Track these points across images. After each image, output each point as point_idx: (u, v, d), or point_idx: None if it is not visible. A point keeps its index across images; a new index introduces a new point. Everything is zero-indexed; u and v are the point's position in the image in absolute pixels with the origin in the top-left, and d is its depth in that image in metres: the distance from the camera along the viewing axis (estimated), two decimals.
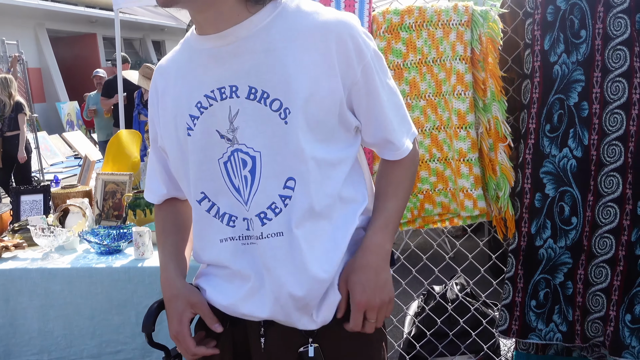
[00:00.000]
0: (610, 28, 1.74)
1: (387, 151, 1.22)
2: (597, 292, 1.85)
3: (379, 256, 1.16)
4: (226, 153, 1.11)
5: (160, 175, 1.30)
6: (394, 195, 1.21)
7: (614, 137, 1.77)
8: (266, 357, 1.20)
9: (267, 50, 1.07)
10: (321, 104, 1.08)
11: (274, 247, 1.11)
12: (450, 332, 2.19)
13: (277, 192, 1.09)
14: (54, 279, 2.37)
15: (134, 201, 2.81)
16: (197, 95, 1.12)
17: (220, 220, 1.15)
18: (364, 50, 1.10)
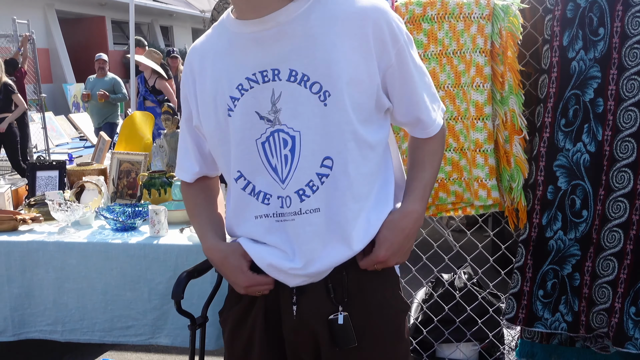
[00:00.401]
0: (628, 27, 1.78)
1: (419, 130, 1.29)
2: (604, 284, 1.91)
3: (416, 224, 1.24)
4: (264, 134, 1.16)
5: (193, 154, 1.34)
6: (430, 166, 1.28)
7: (627, 133, 1.82)
8: (297, 324, 1.25)
9: (307, 35, 1.13)
10: (359, 87, 1.14)
11: (311, 222, 1.16)
12: (457, 319, 2.25)
13: (314, 171, 1.15)
14: (71, 253, 2.42)
15: (149, 180, 2.87)
16: (237, 77, 1.17)
17: (256, 198, 1.20)
18: (398, 35, 1.16)
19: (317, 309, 1.23)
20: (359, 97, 1.15)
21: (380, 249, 1.21)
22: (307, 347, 1.27)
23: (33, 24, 9.70)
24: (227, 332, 1.37)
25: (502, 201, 1.97)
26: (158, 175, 2.88)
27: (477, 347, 2.31)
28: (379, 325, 1.25)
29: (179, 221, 2.56)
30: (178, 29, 20.36)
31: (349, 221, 1.18)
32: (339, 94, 1.12)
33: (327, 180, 1.16)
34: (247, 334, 1.31)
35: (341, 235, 1.18)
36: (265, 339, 1.29)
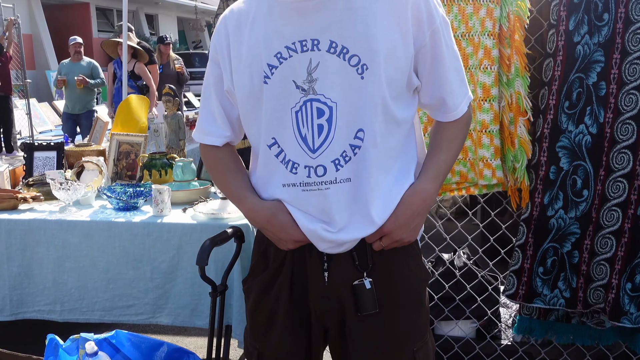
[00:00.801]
0: (631, 13, 1.85)
1: (442, 113, 1.30)
2: (602, 261, 1.98)
3: (425, 202, 1.26)
4: (299, 103, 1.19)
5: (221, 119, 1.35)
6: (447, 149, 1.30)
7: (628, 116, 1.89)
8: (326, 291, 1.28)
9: (349, 8, 1.15)
10: (396, 63, 1.17)
11: (344, 191, 1.20)
12: (457, 297, 2.30)
13: (348, 142, 1.18)
14: (73, 231, 2.43)
15: (149, 162, 2.88)
16: (276, 45, 1.19)
17: (285, 166, 1.23)
18: (434, 16, 1.19)
19: (344, 275, 1.27)
20: (394, 72, 1.18)
21: (386, 223, 1.25)
22: (333, 315, 1.30)
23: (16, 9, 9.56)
24: (250, 300, 1.39)
25: (506, 181, 2.03)
26: (159, 156, 2.89)
27: (476, 324, 2.37)
28: (401, 293, 1.30)
29: (181, 201, 2.57)
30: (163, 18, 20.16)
31: (373, 192, 1.21)
32: (376, 68, 1.16)
33: (359, 151, 1.19)
34: (271, 303, 1.33)
35: (364, 207, 1.22)
36: (290, 308, 1.32)
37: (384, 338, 1.29)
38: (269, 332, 1.35)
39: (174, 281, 2.36)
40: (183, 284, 2.32)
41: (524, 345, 2.31)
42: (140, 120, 3.64)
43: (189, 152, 3.61)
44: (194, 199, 2.58)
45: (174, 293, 2.37)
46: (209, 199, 2.57)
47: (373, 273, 1.27)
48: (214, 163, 1.41)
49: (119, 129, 3.43)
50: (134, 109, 3.69)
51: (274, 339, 1.34)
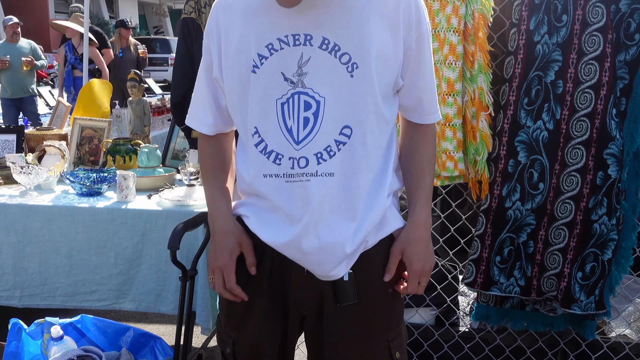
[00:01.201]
0: (588, 15, 1.94)
1: (417, 115, 1.34)
2: (555, 251, 2.08)
3: (427, 230, 1.33)
4: (286, 95, 1.21)
5: (209, 106, 1.36)
6: (429, 172, 1.36)
7: (582, 113, 1.98)
8: (306, 279, 1.31)
9: (343, 7, 1.18)
10: (385, 63, 1.21)
11: (325, 185, 1.22)
12: None
13: (333, 137, 1.21)
14: (34, 216, 2.39)
15: (113, 147, 2.85)
16: (268, 36, 1.20)
17: (267, 157, 1.24)
18: (422, 21, 1.24)
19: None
20: (383, 72, 1.21)
21: (413, 265, 1.31)
22: (312, 304, 1.33)
23: None
24: None
25: (467, 173, 2.11)
26: (123, 142, 2.86)
27: (435, 312, 2.45)
28: (379, 285, 1.33)
29: (145, 188, 2.56)
30: (123, 1, 19.70)
31: (359, 188, 1.24)
32: (366, 67, 1.19)
33: (343, 147, 1.22)
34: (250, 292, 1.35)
35: (347, 203, 1.24)
36: (268, 297, 1.34)
37: (360, 328, 1.32)
38: (246, 320, 1.37)
39: (138, 267, 2.35)
40: (147, 270, 2.33)
41: (481, 331, 2.41)
42: (102, 105, 3.58)
43: (154, 139, 3.58)
44: (159, 186, 2.57)
45: (138, 279, 2.36)
46: (174, 185, 2.57)
47: (353, 265, 1.30)
48: (203, 156, 1.43)
49: (81, 113, 3.38)
50: (96, 93, 3.64)
51: (250, 328, 1.36)
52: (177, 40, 2.57)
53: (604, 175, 1.98)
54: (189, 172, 2.43)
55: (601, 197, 1.99)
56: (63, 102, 3.46)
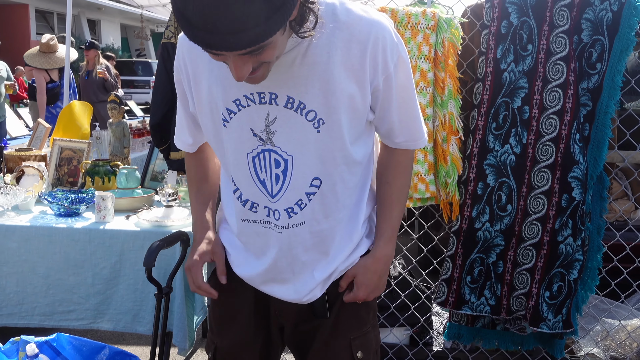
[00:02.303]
0: (552, 45, 2.04)
1: (389, 141, 1.37)
2: (523, 271, 2.14)
3: (385, 264, 1.37)
4: (256, 149, 1.23)
5: (187, 128, 1.42)
6: (397, 204, 1.38)
7: (547, 138, 2.07)
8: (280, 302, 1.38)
9: (306, 64, 1.15)
10: (354, 113, 1.21)
11: (297, 234, 1.28)
12: (392, 305, 2.42)
13: (304, 190, 1.25)
14: (12, 236, 2.40)
15: (92, 168, 2.87)
16: (235, 92, 1.20)
17: (243, 205, 1.30)
18: (389, 62, 1.19)
19: None
20: (352, 121, 1.21)
21: (359, 292, 1.35)
22: (289, 316, 1.40)
23: None
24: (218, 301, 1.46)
25: (438, 195, 2.17)
26: (102, 163, 2.89)
27: (409, 332, 2.49)
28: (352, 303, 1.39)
29: (124, 209, 2.58)
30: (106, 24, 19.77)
31: (333, 228, 1.29)
32: (332, 123, 1.19)
33: (314, 197, 1.25)
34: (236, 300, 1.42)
35: (322, 242, 1.30)
36: (254, 305, 1.41)
37: (324, 328, 1.38)
38: (230, 328, 1.43)
39: (116, 287, 2.37)
40: (125, 290, 2.34)
41: (454, 351, 2.45)
42: (82, 127, 3.61)
43: (134, 160, 3.60)
44: (138, 207, 2.60)
45: (116, 299, 2.37)
46: (152, 206, 2.59)
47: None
48: (188, 169, 1.50)
49: (61, 134, 3.39)
50: (76, 115, 3.66)
51: (232, 335, 1.42)
52: (157, 64, 2.62)
53: (568, 198, 2.06)
54: (167, 193, 2.46)
55: (566, 218, 2.06)
56: (43, 123, 3.48)
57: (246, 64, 1.02)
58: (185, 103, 1.37)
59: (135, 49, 21.31)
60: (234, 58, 1.01)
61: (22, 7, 15.61)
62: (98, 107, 6.51)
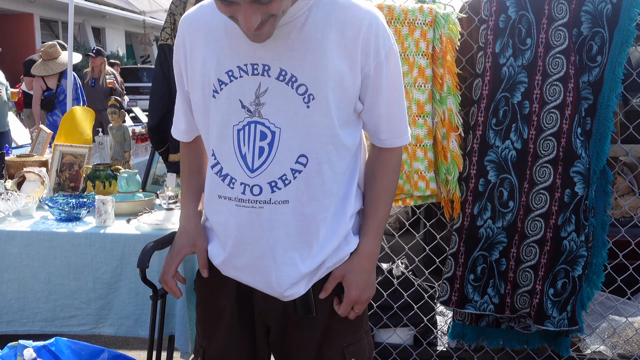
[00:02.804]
0: (551, 38, 2.01)
1: (375, 139, 1.37)
2: (527, 268, 2.11)
3: (372, 262, 1.35)
4: (242, 122, 1.23)
5: (183, 114, 1.42)
6: (384, 202, 1.37)
7: (549, 133, 2.04)
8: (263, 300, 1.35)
9: (301, 38, 1.19)
10: (344, 93, 1.23)
11: (279, 212, 1.24)
12: (395, 305, 2.40)
13: (289, 166, 1.23)
14: (12, 242, 2.39)
15: (93, 173, 2.87)
16: (229, 63, 1.23)
17: (222, 179, 1.28)
18: (380, 49, 1.23)
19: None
20: (341, 102, 1.23)
21: (350, 292, 1.32)
22: (274, 315, 1.36)
23: None
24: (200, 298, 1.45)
25: (439, 192, 2.15)
26: (103, 167, 2.88)
27: (413, 332, 2.47)
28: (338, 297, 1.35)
29: (125, 213, 2.58)
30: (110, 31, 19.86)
31: (317, 214, 1.27)
32: (322, 99, 1.20)
33: (299, 175, 1.23)
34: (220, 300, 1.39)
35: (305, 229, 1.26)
36: (237, 306, 1.37)
37: (316, 334, 1.35)
38: (216, 330, 1.40)
39: (117, 291, 2.36)
40: (126, 294, 2.33)
41: (458, 350, 2.43)
42: (84, 132, 3.61)
43: (137, 165, 3.60)
44: (139, 211, 2.59)
45: (117, 303, 2.36)
46: (153, 210, 2.59)
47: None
48: (182, 158, 1.50)
49: (63, 140, 3.40)
50: (78, 120, 3.67)
51: (219, 338, 1.39)
52: (155, 66, 2.61)
53: (571, 193, 2.03)
54: (168, 196, 2.45)
55: (569, 214, 2.03)
56: (44, 129, 3.49)
57: (255, 13, 1.08)
58: (181, 83, 1.38)
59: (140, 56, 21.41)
60: (244, 7, 1.07)
61: (27, 16, 15.69)
62: (104, 115, 6.53)
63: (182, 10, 2.45)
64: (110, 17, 18.45)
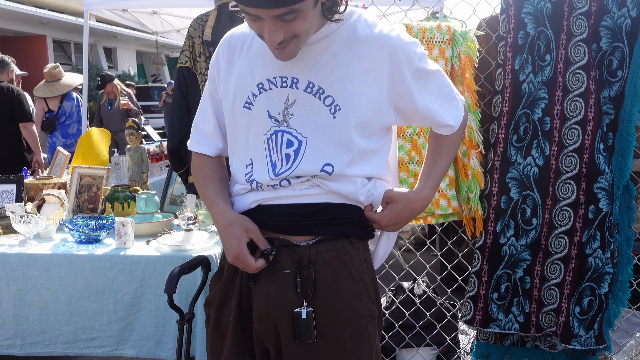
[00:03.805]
0: (571, 54, 2.00)
1: (441, 129, 1.41)
2: (552, 286, 2.09)
3: (422, 207, 1.40)
4: (269, 131, 1.28)
5: (215, 131, 1.44)
6: (447, 155, 1.43)
7: (570, 149, 2.03)
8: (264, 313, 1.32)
9: (329, 53, 1.26)
10: (369, 105, 1.27)
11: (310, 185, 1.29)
12: (417, 324, 2.37)
13: (314, 173, 1.27)
14: (33, 265, 2.40)
15: (112, 194, 2.88)
16: (260, 76, 1.29)
17: (250, 184, 1.33)
18: (413, 58, 1.28)
19: (284, 301, 1.30)
20: (366, 114, 1.27)
21: (386, 217, 1.35)
22: (270, 338, 1.33)
23: None
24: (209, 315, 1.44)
25: (461, 210, 2.13)
26: (122, 189, 2.89)
27: (436, 351, 2.44)
28: (339, 326, 1.32)
29: (144, 234, 2.58)
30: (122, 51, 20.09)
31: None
32: (348, 109, 1.25)
33: (326, 180, 1.28)
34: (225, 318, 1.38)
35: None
36: (238, 323, 1.36)
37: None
38: (221, 352, 1.39)
39: (138, 313, 2.36)
40: (147, 315, 2.33)
41: None
42: (101, 154, 3.64)
43: (152, 185, 3.62)
44: (157, 231, 2.59)
45: (138, 325, 2.36)
46: (172, 231, 2.59)
47: (314, 303, 1.30)
48: (199, 169, 1.47)
49: (80, 161, 3.42)
50: (95, 142, 3.70)
51: (223, 356, 1.38)
52: (174, 89, 2.63)
53: (595, 209, 2.01)
54: (187, 217, 2.45)
55: (594, 230, 2.01)
56: (62, 151, 3.51)
57: (278, 30, 1.15)
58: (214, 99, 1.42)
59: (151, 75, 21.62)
60: (268, 22, 1.14)
61: (40, 38, 15.93)
62: (120, 135, 6.56)
63: (200, 33, 2.47)
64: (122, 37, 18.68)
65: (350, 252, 1.33)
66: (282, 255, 1.31)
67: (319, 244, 1.32)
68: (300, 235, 1.32)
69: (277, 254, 1.31)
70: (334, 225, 1.32)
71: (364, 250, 1.39)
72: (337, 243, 1.33)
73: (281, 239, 1.32)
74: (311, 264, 1.30)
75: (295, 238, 1.32)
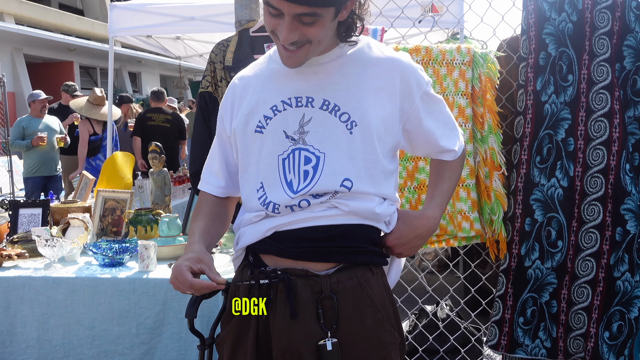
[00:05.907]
0: (594, 74, 1.98)
1: (444, 155, 1.43)
2: (579, 310, 2.04)
3: (430, 228, 1.39)
4: (287, 151, 1.28)
5: (221, 171, 1.46)
6: (449, 178, 1.44)
7: (595, 170, 1.99)
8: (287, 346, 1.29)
9: (342, 73, 1.29)
10: (383, 123, 1.29)
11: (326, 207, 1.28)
12: (441, 348, 2.33)
13: (334, 188, 1.26)
14: (58, 288, 2.42)
15: (135, 217, 2.90)
16: (274, 99, 1.31)
17: (266, 207, 1.30)
18: (422, 81, 1.33)
19: (307, 334, 1.28)
20: (381, 131, 1.29)
21: (390, 236, 1.35)
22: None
23: (1, 68, 9.66)
24: (225, 356, 1.42)
25: (484, 233, 2.10)
26: (145, 212, 2.92)
27: None
28: (364, 356, 1.30)
29: (167, 257, 2.59)
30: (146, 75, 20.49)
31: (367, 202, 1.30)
32: (364, 125, 1.26)
33: (344, 195, 1.28)
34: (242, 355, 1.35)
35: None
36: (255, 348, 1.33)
37: None
38: None
39: (160, 336, 2.35)
40: (169, 339, 2.32)
41: None
42: (125, 177, 3.68)
43: (175, 207, 3.64)
44: (179, 254, 2.60)
45: (160, 348, 2.36)
46: None
47: (337, 334, 1.28)
48: (198, 205, 1.49)
49: (104, 185, 3.47)
50: (119, 165, 3.75)
51: None
52: (195, 113, 2.67)
53: (622, 231, 1.96)
54: None
55: (622, 253, 1.96)
56: (87, 175, 3.57)
57: (294, 30, 1.18)
58: (222, 139, 1.44)
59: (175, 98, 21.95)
60: (287, 19, 1.16)
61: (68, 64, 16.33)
62: None
63: (222, 59, 2.51)
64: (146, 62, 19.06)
65: (370, 279, 1.32)
66: (301, 286, 1.29)
67: (339, 273, 1.30)
68: (320, 262, 1.30)
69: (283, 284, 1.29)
70: (354, 253, 1.31)
71: (382, 276, 1.37)
72: (357, 270, 1.31)
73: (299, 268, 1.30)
74: (333, 294, 1.28)
75: (315, 266, 1.30)
